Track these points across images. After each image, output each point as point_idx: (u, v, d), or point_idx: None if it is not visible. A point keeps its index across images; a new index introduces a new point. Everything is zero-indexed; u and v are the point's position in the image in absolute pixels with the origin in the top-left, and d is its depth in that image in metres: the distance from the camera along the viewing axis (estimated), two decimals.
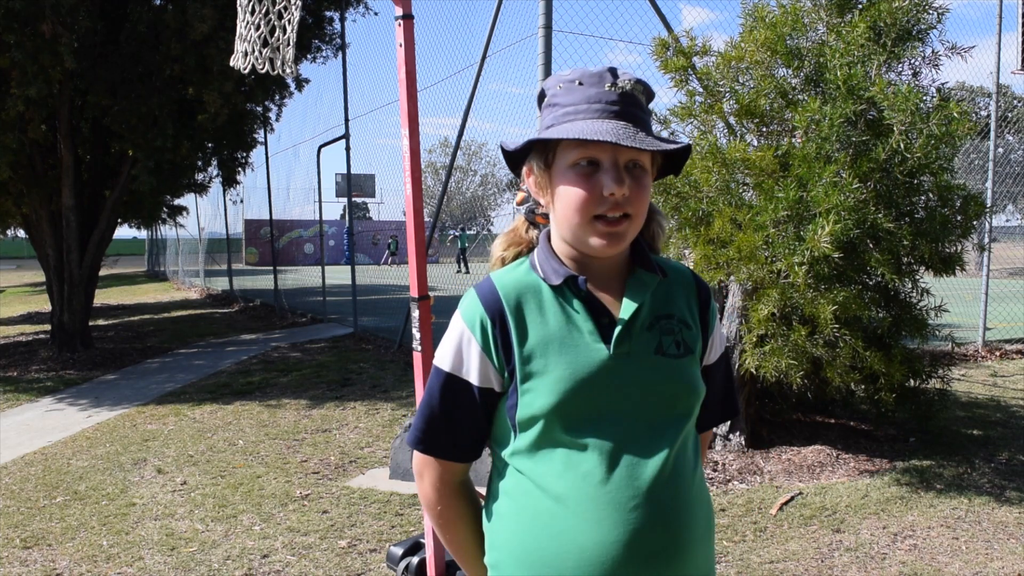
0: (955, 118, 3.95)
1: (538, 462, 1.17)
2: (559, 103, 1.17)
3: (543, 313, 1.19)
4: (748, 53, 4.46)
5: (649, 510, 1.12)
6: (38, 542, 3.60)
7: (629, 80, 1.16)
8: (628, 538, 1.11)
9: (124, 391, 7.06)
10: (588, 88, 1.15)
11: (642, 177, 1.15)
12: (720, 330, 1.33)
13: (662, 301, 1.23)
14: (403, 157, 2.38)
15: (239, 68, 2.73)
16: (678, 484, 1.16)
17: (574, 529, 1.13)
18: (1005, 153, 17.52)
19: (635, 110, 1.15)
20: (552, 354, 1.17)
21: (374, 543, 3.47)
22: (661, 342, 1.19)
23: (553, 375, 1.16)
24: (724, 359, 1.34)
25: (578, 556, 1.12)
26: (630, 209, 1.14)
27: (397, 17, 2.33)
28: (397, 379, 7.07)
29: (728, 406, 1.39)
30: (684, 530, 1.15)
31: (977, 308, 8.08)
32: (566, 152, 1.15)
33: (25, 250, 33.85)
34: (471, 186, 42.29)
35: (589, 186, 1.13)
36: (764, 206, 4.11)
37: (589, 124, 1.12)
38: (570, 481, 1.14)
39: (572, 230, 1.17)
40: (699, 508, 1.19)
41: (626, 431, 1.15)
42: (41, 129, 7.90)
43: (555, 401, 1.14)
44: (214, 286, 18.75)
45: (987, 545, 3.34)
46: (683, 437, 1.19)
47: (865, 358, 4.10)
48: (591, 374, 1.15)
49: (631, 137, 1.10)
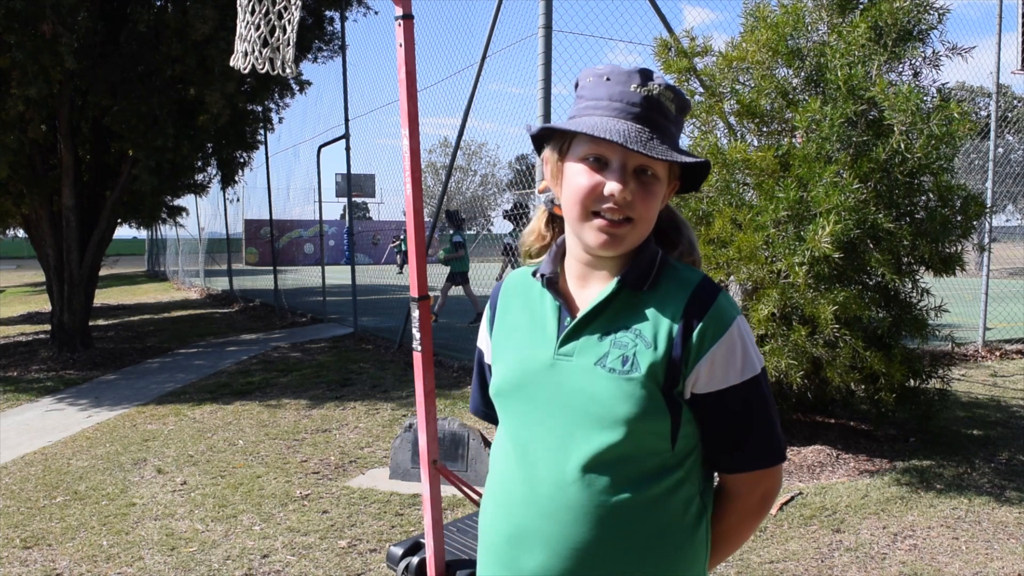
0: (955, 118, 3.95)
1: (495, 441, 1.30)
2: (585, 95, 1.17)
3: (524, 307, 1.27)
4: (749, 53, 4.46)
5: (535, 512, 1.15)
6: (38, 542, 3.60)
7: (659, 85, 1.13)
8: (511, 532, 1.18)
9: (124, 391, 7.06)
10: (614, 85, 1.13)
11: (651, 184, 1.12)
12: (735, 358, 1.13)
13: (631, 312, 1.16)
14: (403, 157, 2.38)
15: (239, 68, 2.73)
16: (583, 499, 1.11)
17: (486, 511, 1.26)
18: (1005, 153, 17.53)
19: (657, 116, 1.12)
20: (512, 344, 1.26)
21: (374, 543, 3.47)
22: (607, 354, 1.13)
23: (504, 364, 1.25)
24: (738, 393, 1.14)
25: (483, 536, 1.25)
26: (632, 213, 1.11)
27: (397, 17, 2.33)
28: (397, 379, 7.07)
29: (758, 449, 1.16)
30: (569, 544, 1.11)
31: (977, 308, 8.08)
32: (579, 145, 1.15)
33: (25, 250, 33.85)
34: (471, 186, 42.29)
35: (592, 181, 1.12)
36: (764, 206, 4.11)
37: (603, 121, 1.10)
38: (497, 466, 1.25)
39: (572, 222, 1.17)
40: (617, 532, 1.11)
41: (549, 432, 1.16)
42: (41, 129, 7.90)
43: (497, 388, 1.25)
44: (214, 286, 18.74)
45: (987, 545, 3.34)
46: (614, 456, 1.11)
47: (865, 358, 4.10)
48: (530, 370, 1.20)
49: (642, 143, 1.07)
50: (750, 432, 1.16)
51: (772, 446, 1.17)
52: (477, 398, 1.45)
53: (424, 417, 2.38)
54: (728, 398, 1.14)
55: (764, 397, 1.17)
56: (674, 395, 1.13)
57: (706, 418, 1.16)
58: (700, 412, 1.15)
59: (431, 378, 2.40)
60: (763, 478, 1.19)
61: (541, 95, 5.36)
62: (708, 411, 1.15)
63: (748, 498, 1.20)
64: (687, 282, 1.16)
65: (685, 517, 1.15)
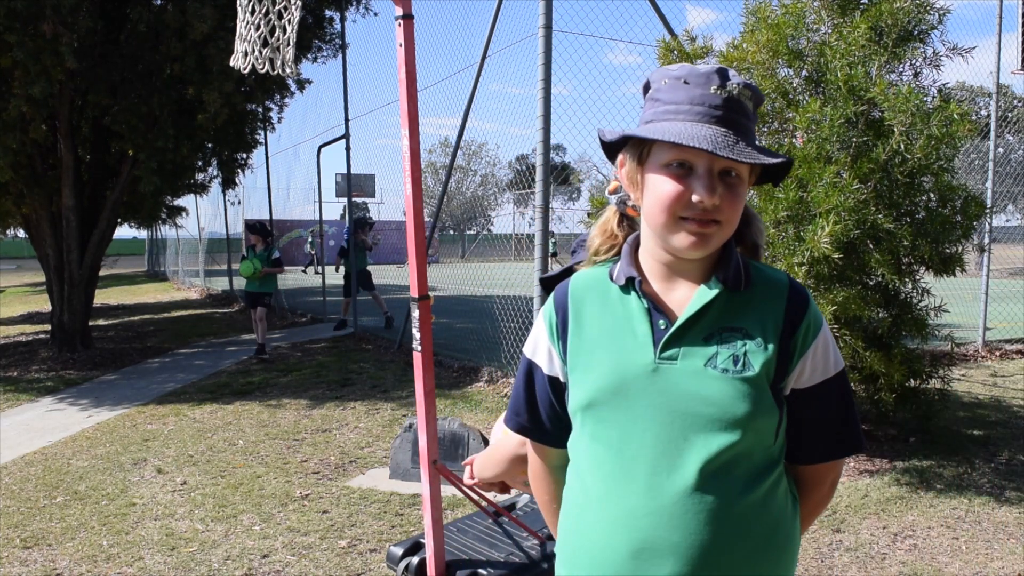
0: (956, 119, 3.95)
1: (580, 455, 1.21)
2: (661, 99, 1.13)
3: (604, 311, 1.21)
4: (749, 54, 4.46)
5: (661, 522, 1.10)
6: (38, 542, 3.60)
7: (738, 85, 1.11)
8: (634, 547, 1.11)
9: (124, 391, 7.06)
10: (693, 88, 1.10)
11: (737, 186, 1.11)
12: (828, 354, 1.19)
13: (734, 312, 1.16)
14: (403, 157, 2.38)
15: (239, 68, 2.73)
16: (707, 503, 1.10)
17: (591, 528, 1.16)
18: (1005, 153, 17.53)
19: (739, 117, 1.10)
20: (600, 351, 1.18)
21: (374, 543, 3.47)
22: (716, 354, 1.13)
23: (595, 372, 1.17)
24: (831, 386, 1.19)
25: (590, 553, 1.15)
26: (720, 216, 1.10)
27: (397, 17, 2.33)
28: (397, 379, 7.07)
29: (844, 438, 1.22)
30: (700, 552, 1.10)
31: (977, 308, 8.08)
32: (660, 151, 1.12)
33: (25, 250, 33.83)
34: (471, 186, 42.29)
35: (680, 188, 1.09)
36: (764, 206, 4.11)
37: (688, 127, 1.08)
38: (596, 480, 1.16)
39: (658, 228, 1.13)
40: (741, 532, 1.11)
41: (656, 439, 1.12)
42: (42, 129, 7.90)
43: (590, 398, 1.17)
44: (214, 286, 18.74)
45: (987, 545, 3.34)
46: (730, 456, 1.11)
47: (865, 358, 4.10)
48: (628, 376, 1.14)
49: (729, 148, 1.06)
50: (842, 422, 1.21)
51: (857, 434, 1.24)
52: (524, 417, 1.31)
53: (424, 417, 2.38)
54: (825, 391, 1.18)
55: (850, 389, 1.23)
56: (779, 391, 1.16)
57: (803, 411, 1.19)
58: (797, 406, 1.19)
59: (431, 378, 2.40)
60: (837, 465, 1.26)
61: (541, 95, 5.36)
62: (805, 405, 1.19)
63: (823, 486, 1.26)
64: (779, 282, 1.19)
65: (788, 509, 1.19)
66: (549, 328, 1.25)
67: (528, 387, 1.29)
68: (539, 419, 1.29)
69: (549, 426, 1.29)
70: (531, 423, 1.30)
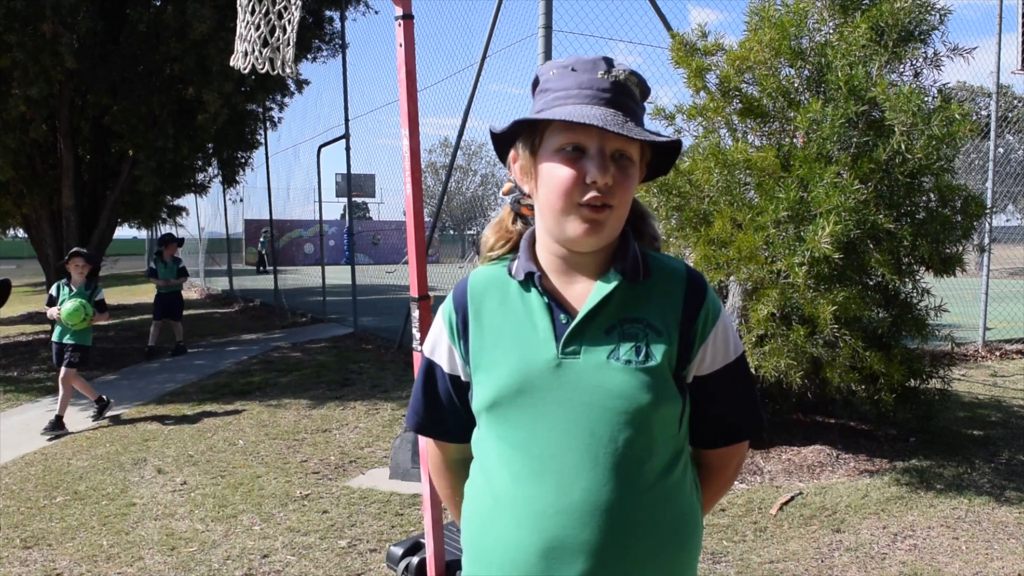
0: (956, 119, 3.95)
1: (487, 454, 1.20)
2: (551, 88, 1.15)
3: (503, 308, 1.20)
4: (752, 53, 4.45)
5: (571, 521, 1.09)
6: (38, 542, 3.60)
7: (623, 71, 1.14)
8: (544, 546, 1.11)
9: (124, 391, 7.06)
10: (581, 74, 1.13)
11: (628, 167, 1.12)
12: (728, 339, 1.20)
13: (634, 303, 1.16)
14: (403, 157, 2.38)
15: (239, 68, 2.73)
16: (618, 496, 1.09)
17: (501, 527, 1.15)
18: (1005, 153, 17.53)
19: (627, 100, 1.13)
20: (501, 349, 1.18)
21: (374, 543, 3.47)
22: (619, 346, 1.13)
23: (497, 371, 1.17)
24: (732, 371, 1.21)
25: (502, 554, 1.15)
26: (612, 200, 1.10)
27: (397, 17, 2.33)
28: (397, 379, 7.07)
29: (747, 421, 1.25)
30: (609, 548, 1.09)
31: (977, 308, 8.08)
32: (553, 136, 1.13)
33: (25, 250, 33.77)
34: (471, 186, 42.26)
35: (573, 171, 1.10)
36: (765, 206, 4.11)
37: (578, 108, 1.09)
38: (504, 479, 1.15)
39: (554, 217, 1.13)
40: (649, 525, 1.12)
41: (564, 436, 1.11)
42: (42, 129, 7.91)
43: (494, 397, 1.16)
44: (214, 286, 18.75)
45: (987, 545, 3.34)
46: (638, 450, 1.11)
47: (865, 358, 4.10)
48: (531, 373, 1.14)
49: (619, 124, 1.07)
50: (744, 406, 1.24)
51: (759, 415, 1.26)
52: (424, 415, 1.30)
53: None
54: (726, 376, 1.20)
55: (750, 372, 1.26)
56: (682, 379, 1.17)
57: (706, 397, 1.20)
58: (700, 393, 1.20)
59: None
60: (741, 448, 1.28)
61: None
62: (708, 391, 1.20)
63: (727, 469, 1.28)
64: (676, 271, 1.21)
65: (693, 497, 1.20)
66: (449, 327, 1.24)
67: (427, 386, 1.29)
68: (439, 417, 1.29)
69: (451, 423, 1.29)
70: (431, 421, 1.30)
